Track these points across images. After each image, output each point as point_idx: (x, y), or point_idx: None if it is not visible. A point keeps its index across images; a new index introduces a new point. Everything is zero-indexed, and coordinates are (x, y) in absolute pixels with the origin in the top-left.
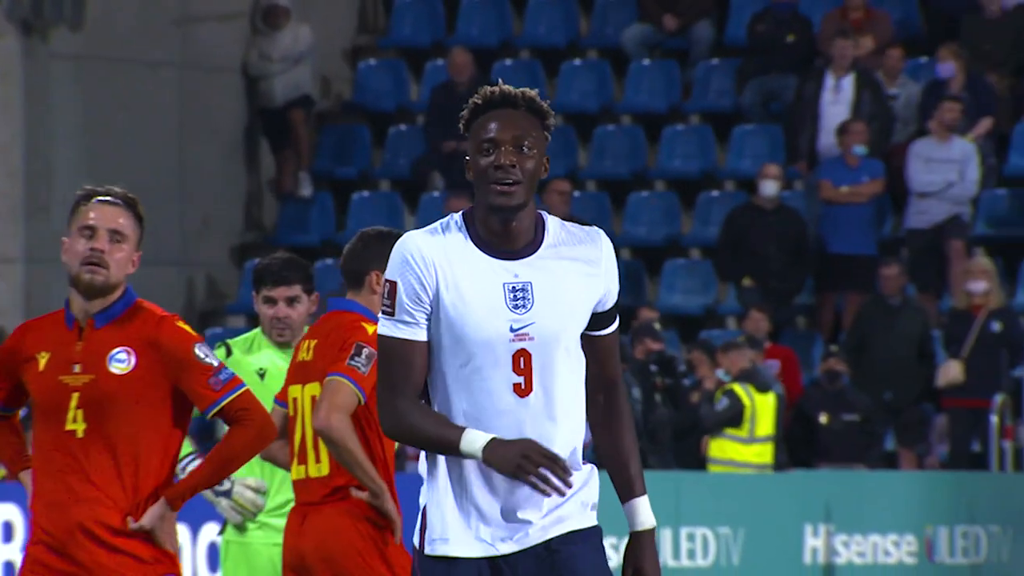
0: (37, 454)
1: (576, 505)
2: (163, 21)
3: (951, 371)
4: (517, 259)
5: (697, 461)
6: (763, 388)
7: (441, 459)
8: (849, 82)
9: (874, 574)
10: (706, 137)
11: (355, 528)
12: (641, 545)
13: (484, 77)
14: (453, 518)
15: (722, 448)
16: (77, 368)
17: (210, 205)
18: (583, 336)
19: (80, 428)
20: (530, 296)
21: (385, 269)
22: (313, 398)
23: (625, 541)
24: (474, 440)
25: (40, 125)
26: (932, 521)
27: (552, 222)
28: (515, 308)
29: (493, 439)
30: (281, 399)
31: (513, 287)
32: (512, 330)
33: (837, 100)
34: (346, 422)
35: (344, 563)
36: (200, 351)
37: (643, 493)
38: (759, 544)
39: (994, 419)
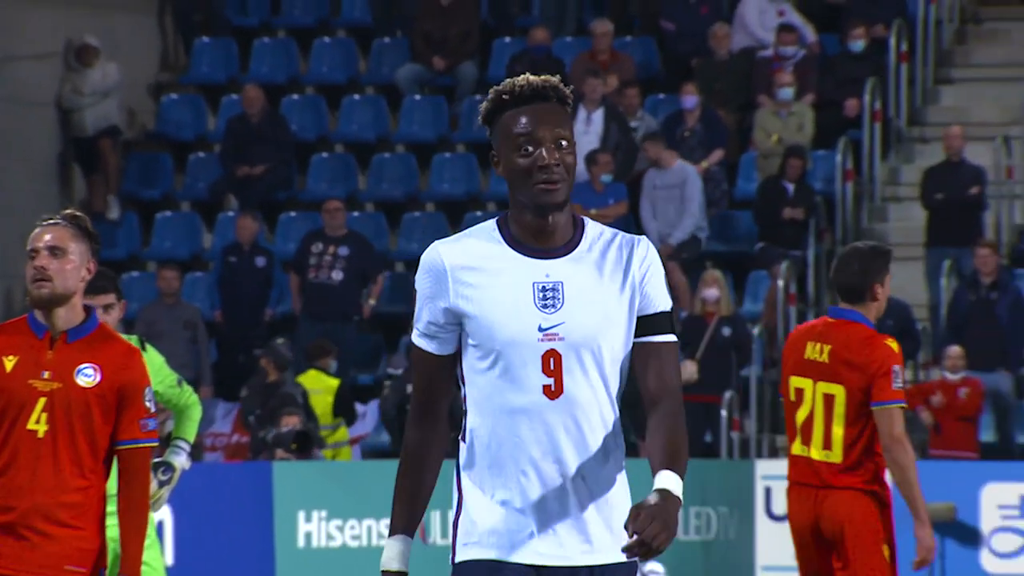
0: None
1: (618, 537)
2: None
3: (686, 370)
4: (551, 258)
5: None
6: None
7: (469, 471)
8: (599, 116)
9: None
10: (471, 164)
11: (871, 507)
12: (651, 497)
13: (274, 110)
14: (484, 522)
15: None
16: (47, 375)
17: (28, 224)
18: (635, 345)
19: (41, 429)
20: (560, 296)
21: (883, 281)
22: (826, 395)
23: None
24: (388, 556)
25: None
26: (705, 504)
27: (591, 225)
28: (544, 308)
29: (392, 573)
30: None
31: (543, 286)
32: (541, 329)
33: (588, 131)
34: (910, 448)
35: (859, 537)
36: (148, 393)
37: (673, 470)
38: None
39: (724, 413)
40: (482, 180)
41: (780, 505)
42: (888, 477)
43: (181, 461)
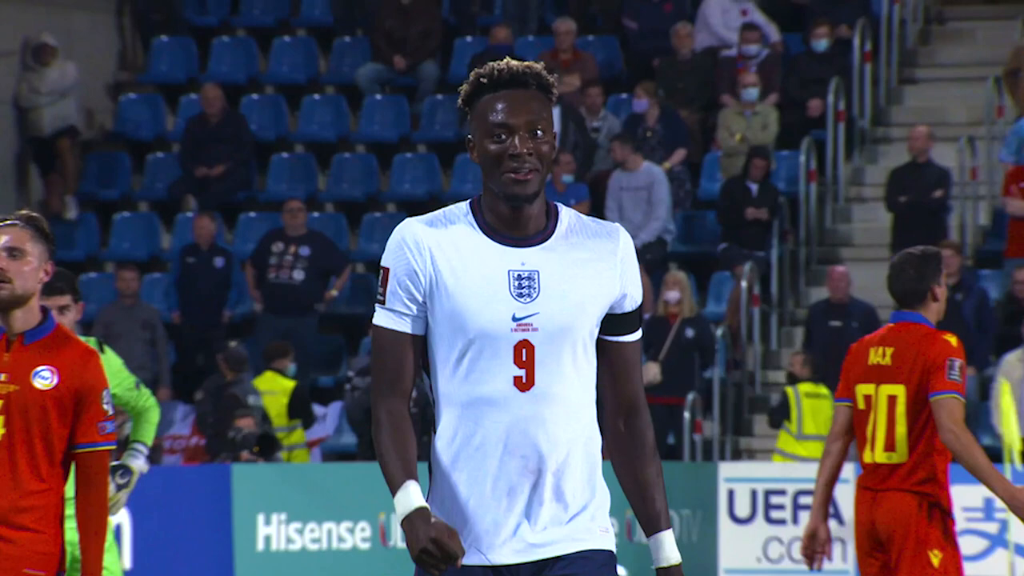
0: None
1: (584, 523)
2: None
3: (649, 372)
4: (526, 246)
5: None
6: None
7: (438, 464)
8: (557, 115)
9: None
10: (432, 164)
11: (920, 510)
12: None
13: (234, 110)
14: (463, 521)
15: None
16: (3, 377)
17: None
18: (600, 343)
19: None
20: (536, 285)
21: (940, 281)
22: (889, 397)
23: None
24: (404, 501)
25: None
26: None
27: (566, 212)
28: (519, 296)
29: (417, 511)
30: (843, 396)
31: (519, 275)
32: (515, 319)
33: None
34: (967, 436)
35: (906, 540)
36: (106, 395)
37: (668, 527)
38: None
39: (687, 415)
40: (443, 180)
41: (743, 508)
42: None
43: (139, 464)
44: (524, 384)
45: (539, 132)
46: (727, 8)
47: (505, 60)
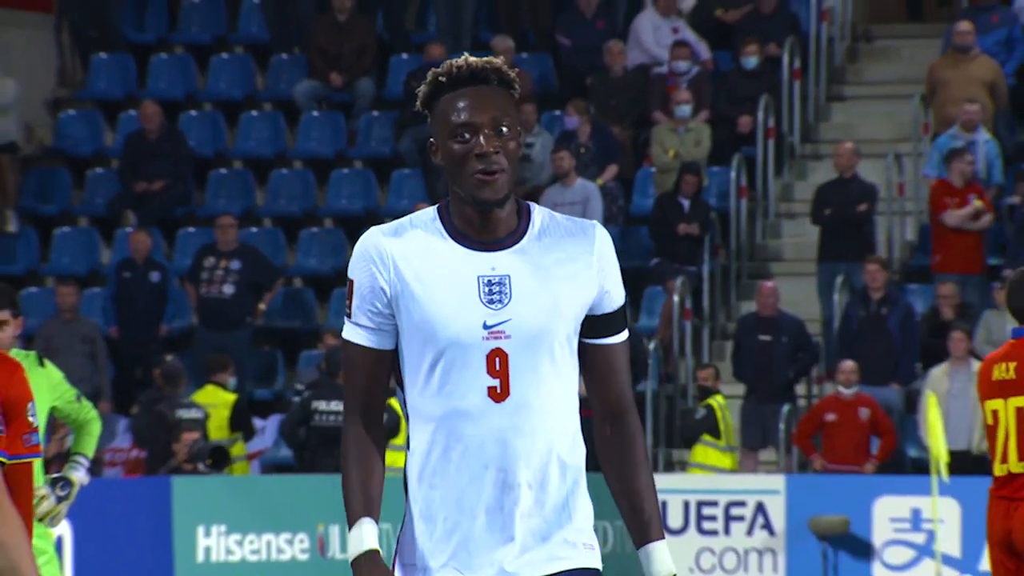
0: None
1: (567, 540)
2: None
3: (583, 385)
4: (496, 250)
5: None
6: None
7: (412, 480)
8: None
9: None
10: (369, 180)
11: None
12: None
13: (172, 126)
14: (423, 541)
15: None
16: None
17: None
18: (581, 346)
19: None
20: (508, 290)
21: None
22: (1017, 409)
23: None
24: (356, 540)
25: None
26: (600, 518)
27: (539, 212)
28: (490, 303)
29: (365, 554)
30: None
31: (489, 280)
32: (486, 327)
33: None
34: None
35: None
36: (31, 408)
37: (660, 537)
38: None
39: None
40: (380, 195)
41: (675, 519)
42: None
43: (80, 476)
44: (499, 395)
45: (504, 129)
46: (658, 25)
47: (464, 57)
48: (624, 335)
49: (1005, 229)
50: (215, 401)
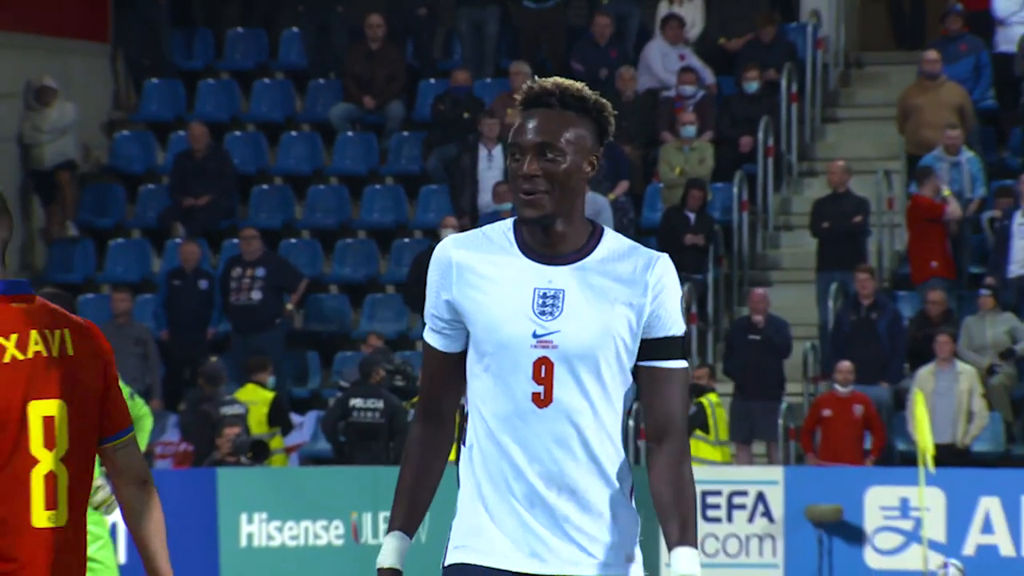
0: None
1: (613, 552)
2: None
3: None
4: (557, 264)
5: None
6: None
7: (463, 472)
8: (499, 151)
9: None
10: (399, 195)
11: None
12: None
13: (218, 146)
14: (472, 527)
15: None
16: None
17: None
18: (637, 367)
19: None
20: (560, 304)
21: None
22: None
23: None
24: (383, 552)
25: None
26: None
27: (611, 236)
28: (541, 314)
29: (385, 571)
30: None
31: (544, 292)
32: (535, 336)
33: (491, 166)
34: None
35: None
36: None
37: (681, 544)
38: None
39: (631, 423)
40: (409, 210)
41: None
42: None
43: None
44: (542, 400)
45: (548, 153)
46: (667, 53)
47: (539, 80)
48: (679, 363)
49: (987, 240)
50: (255, 399)
